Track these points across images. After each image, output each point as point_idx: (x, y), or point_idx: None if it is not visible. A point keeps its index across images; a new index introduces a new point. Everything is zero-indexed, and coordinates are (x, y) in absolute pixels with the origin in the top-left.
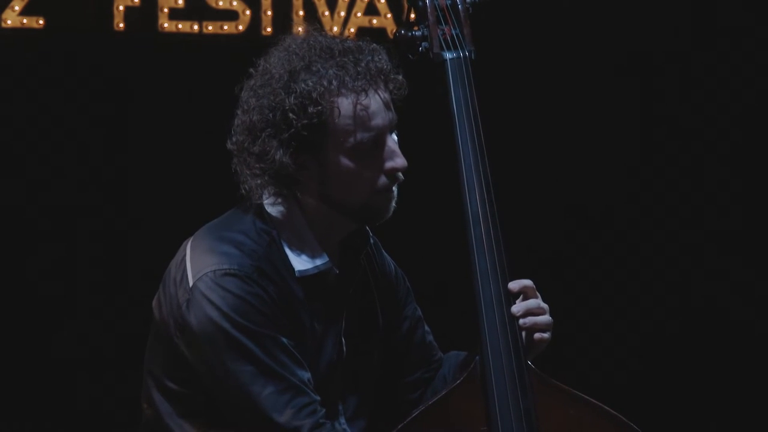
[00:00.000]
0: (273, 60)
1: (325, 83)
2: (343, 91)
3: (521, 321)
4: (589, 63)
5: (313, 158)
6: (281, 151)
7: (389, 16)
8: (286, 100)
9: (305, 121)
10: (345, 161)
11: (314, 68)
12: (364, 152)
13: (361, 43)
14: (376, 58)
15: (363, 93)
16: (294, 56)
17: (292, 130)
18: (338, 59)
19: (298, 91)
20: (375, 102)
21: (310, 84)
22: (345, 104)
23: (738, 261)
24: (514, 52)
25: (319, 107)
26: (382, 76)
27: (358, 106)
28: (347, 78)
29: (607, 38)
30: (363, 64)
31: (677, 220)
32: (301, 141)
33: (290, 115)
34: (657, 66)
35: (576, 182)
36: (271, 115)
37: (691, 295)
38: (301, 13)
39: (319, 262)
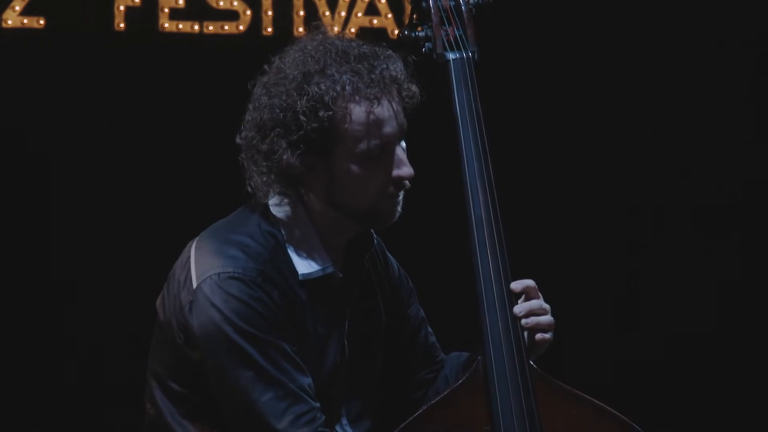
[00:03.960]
0: (288, 60)
1: (339, 88)
2: (356, 97)
3: (523, 321)
4: (592, 64)
5: (321, 161)
6: (289, 151)
7: (390, 16)
8: (298, 102)
9: (315, 125)
10: (352, 167)
11: (328, 72)
12: (372, 159)
13: (377, 48)
14: (391, 66)
15: (376, 101)
16: (309, 58)
17: (302, 132)
18: (353, 64)
19: (311, 93)
20: (387, 110)
21: (323, 88)
22: (357, 111)
23: (738, 260)
24: (518, 53)
25: (331, 112)
26: (395, 85)
27: (370, 114)
28: (361, 84)
29: (610, 39)
30: (377, 71)
31: (679, 221)
32: (310, 143)
33: (301, 117)
34: (660, 67)
35: (579, 184)
36: (281, 115)
37: (692, 294)
38: (302, 13)
39: (323, 265)
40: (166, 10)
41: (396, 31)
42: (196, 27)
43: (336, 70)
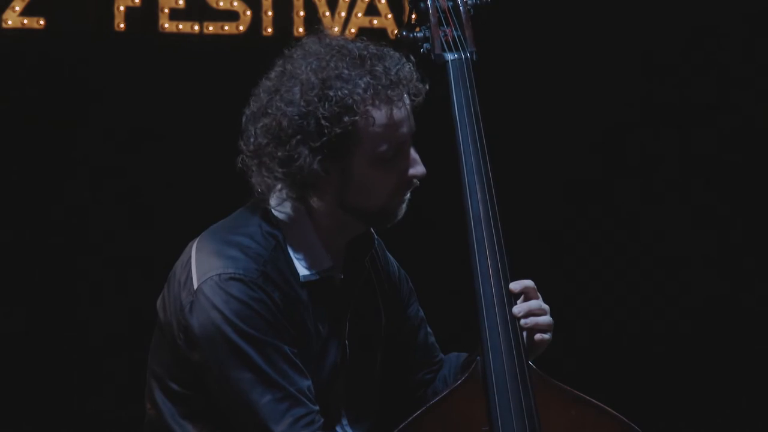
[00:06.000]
0: (299, 64)
1: (360, 92)
2: (376, 101)
3: (522, 321)
4: (590, 63)
5: (336, 164)
6: (310, 157)
7: (390, 16)
8: (320, 108)
9: (338, 130)
10: (369, 168)
11: (346, 76)
12: (389, 160)
13: (385, 49)
14: (403, 66)
15: (394, 102)
16: (324, 62)
17: (324, 138)
18: (369, 67)
19: (333, 99)
20: (403, 111)
21: (345, 92)
22: (377, 114)
23: (737, 259)
24: (516, 54)
25: (355, 116)
26: (409, 85)
27: (390, 116)
28: (380, 87)
29: (607, 38)
30: (393, 72)
31: (679, 221)
32: (331, 148)
33: (323, 122)
34: (658, 66)
35: (577, 183)
36: (303, 122)
37: (691, 294)
38: (302, 13)
39: (323, 266)
40: (166, 10)
41: (395, 32)
42: (196, 27)
43: (354, 74)
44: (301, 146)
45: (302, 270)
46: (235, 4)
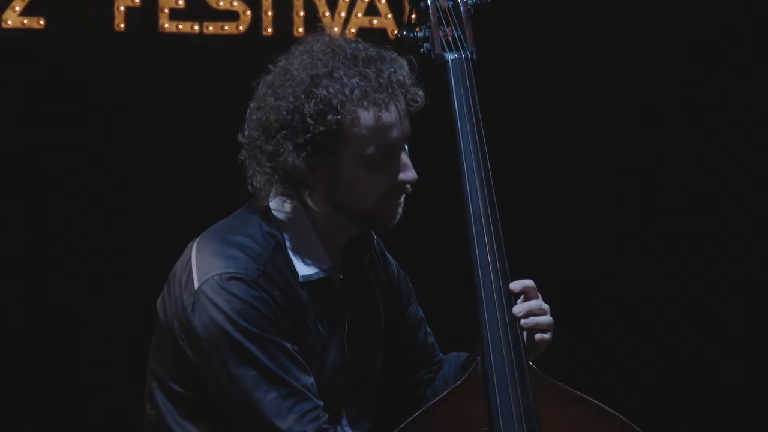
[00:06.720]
0: (295, 61)
1: (347, 92)
2: (365, 102)
3: (522, 321)
4: (590, 63)
5: (325, 163)
6: (294, 153)
7: (390, 16)
8: (306, 105)
9: (322, 128)
10: (356, 170)
11: (336, 75)
12: (377, 163)
13: (384, 51)
14: (398, 70)
15: (383, 105)
16: (317, 61)
17: (308, 135)
18: (361, 68)
19: (319, 97)
20: (393, 115)
21: (332, 91)
22: (365, 115)
23: (737, 258)
24: (516, 53)
25: (339, 116)
26: (402, 89)
27: (377, 119)
28: (369, 89)
29: (607, 38)
30: (385, 76)
31: (678, 220)
32: (316, 146)
33: (308, 119)
34: (657, 66)
35: (576, 181)
36: (288, 117)
37: (691, 294)
38: (302, 13)
39: (323, 266)
40: (166, 10)
41: (395, 32)
42: (196, 27)
43: (344, 74)
44: (286, 141)
45: (302, 270)
46: (235, 4)
